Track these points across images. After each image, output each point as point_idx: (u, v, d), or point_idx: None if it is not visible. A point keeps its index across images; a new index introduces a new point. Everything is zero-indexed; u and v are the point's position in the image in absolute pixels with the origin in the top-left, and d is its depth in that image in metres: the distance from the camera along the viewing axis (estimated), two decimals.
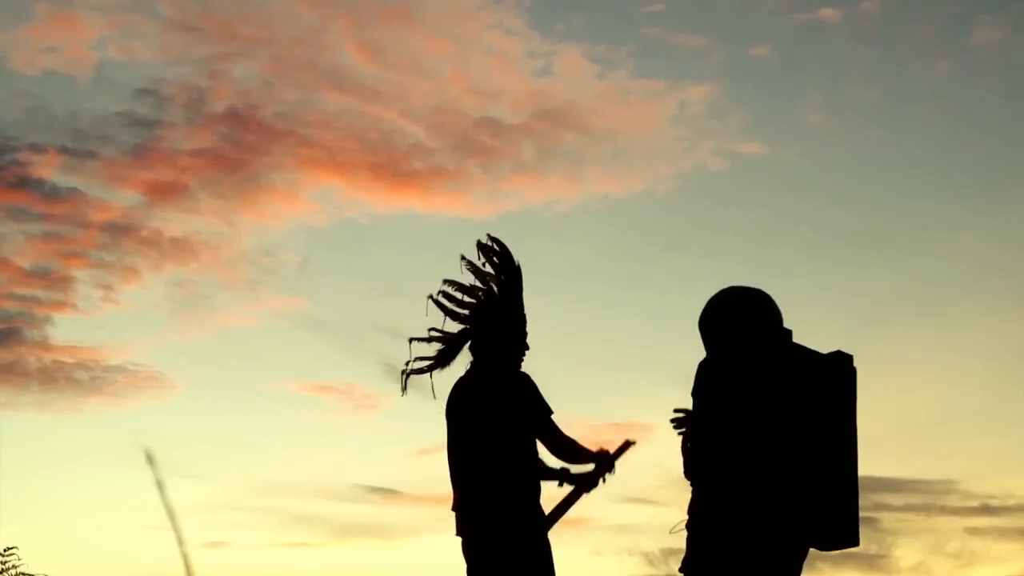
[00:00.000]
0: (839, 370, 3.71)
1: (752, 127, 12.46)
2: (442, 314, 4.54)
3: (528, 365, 4.46)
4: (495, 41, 12.22)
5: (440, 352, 4.54)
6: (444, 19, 12.33)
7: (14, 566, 8.80)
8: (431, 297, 4.55)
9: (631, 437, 4.46)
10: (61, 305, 11.83)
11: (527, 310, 4.52)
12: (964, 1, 12.25)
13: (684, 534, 3.72)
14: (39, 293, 11.78)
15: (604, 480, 4.43)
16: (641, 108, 12.53)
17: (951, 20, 12.33)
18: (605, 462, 4.41)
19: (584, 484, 4.43)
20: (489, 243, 4.55)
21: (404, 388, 4.56)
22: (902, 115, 12.60)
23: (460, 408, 4.36)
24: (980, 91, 12.39)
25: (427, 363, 4.55)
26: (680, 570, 3.70)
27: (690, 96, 12.33)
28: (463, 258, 4.54)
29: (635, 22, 12.27)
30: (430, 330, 4.55)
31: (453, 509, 4.34)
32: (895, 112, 12.60)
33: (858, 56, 12.55)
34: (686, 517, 3.72)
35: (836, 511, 3.58)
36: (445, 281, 4.54)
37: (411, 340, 4.56)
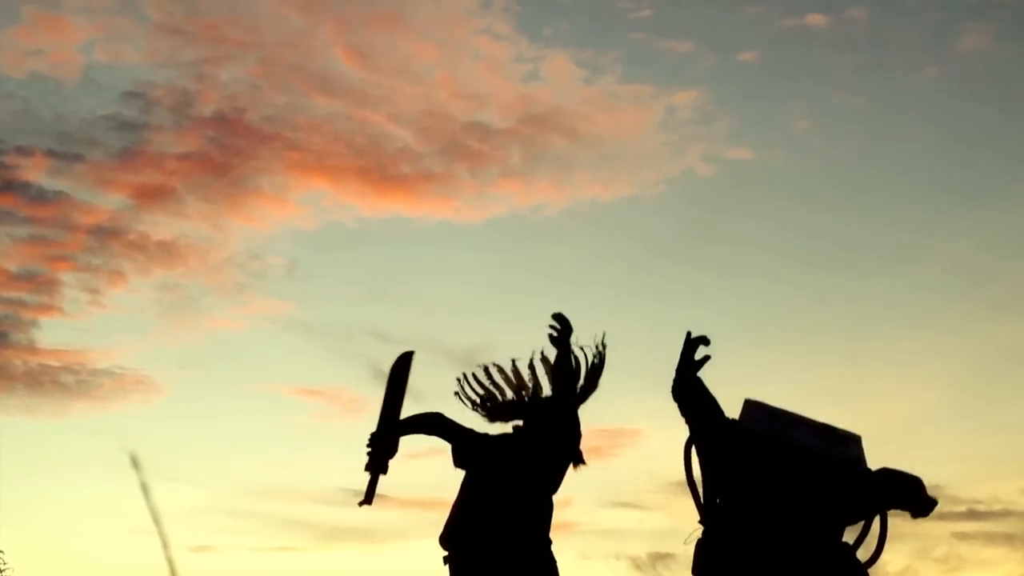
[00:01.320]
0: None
1: (739, 132, 12.51)
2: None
3: None
4: (483, 46, 12.24)
5: (493, 408, 4.59)
6: (432, 23, 12.35)
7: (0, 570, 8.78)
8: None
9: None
10: (47, 308, 11.80)
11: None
12: (950, 8, 12.32)
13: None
14: (25, 296, 11.76)
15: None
16: (628, 113, 12.57)
17: (937, 27, 12.40)
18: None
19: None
20: (586, 353, 4.56)
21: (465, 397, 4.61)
22: (888, 121, 12.67)
23: None
24: (966, 97, 12.46)
25: (480, 405, 4.60)
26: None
27: (677, 101, 12.37)
28: (544, 358, 4.55)
29: (622, 27, 12.30)
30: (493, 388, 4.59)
31: None
32: (881, 118, 12.67)
33: (845, 62, 12.61)
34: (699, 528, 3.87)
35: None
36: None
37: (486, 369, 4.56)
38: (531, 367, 4.55)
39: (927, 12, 12.35)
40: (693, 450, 3.96)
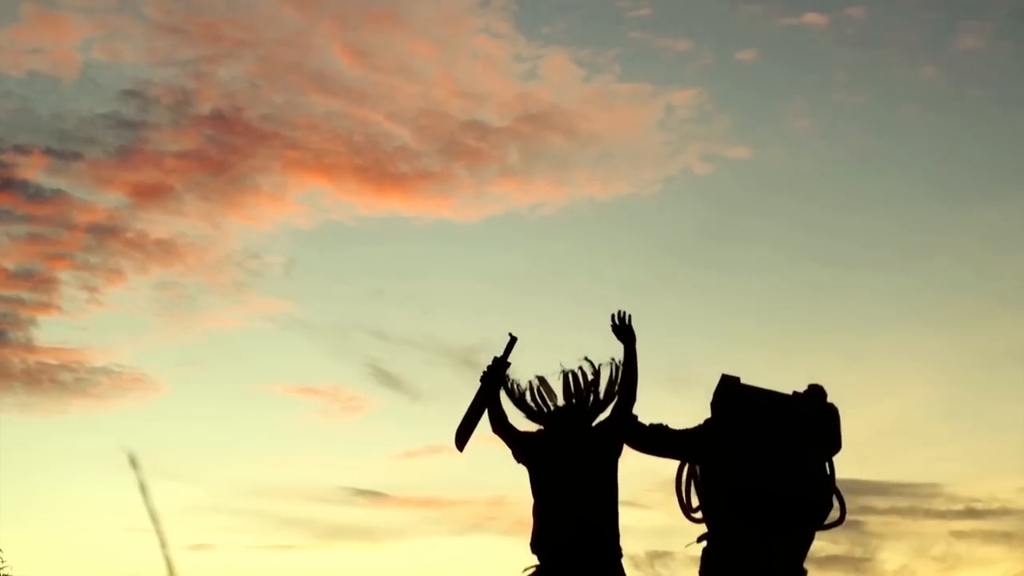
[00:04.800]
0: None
1: (738, 131, 12.54)
2: None
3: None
4: (481, 44, 12.26)
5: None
6: (430, 22, 12.36)
7: None
8: None
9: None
10: (45, 307, 11.81)
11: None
12: (948, 7, 12.35)
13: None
14: (23, 294, 11.77)
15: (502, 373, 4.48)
16: (627, 112, 12.58)
17: (935, 26, 12.43)
18: (498, 363, 4.47)
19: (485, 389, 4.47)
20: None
21: None
22: (887, 119, 12.70)
23: None
24: (964, 95, 12.50)
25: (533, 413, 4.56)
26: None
27: (676, 100, 12.39)
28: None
29: (621, 26, 12.33)
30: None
31: None
32: (880, 116, 12.70)
33: (843, 60, 12.64)
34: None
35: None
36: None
37: None
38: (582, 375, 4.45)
39: (925, 11, 12.39)
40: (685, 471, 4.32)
